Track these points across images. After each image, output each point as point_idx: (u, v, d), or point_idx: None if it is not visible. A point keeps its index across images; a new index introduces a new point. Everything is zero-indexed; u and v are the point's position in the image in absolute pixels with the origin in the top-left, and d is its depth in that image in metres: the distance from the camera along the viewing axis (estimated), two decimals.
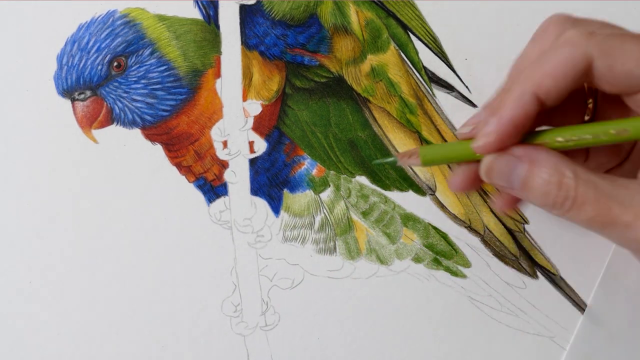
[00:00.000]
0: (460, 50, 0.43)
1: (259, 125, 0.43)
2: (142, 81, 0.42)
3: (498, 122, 0.31)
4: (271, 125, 0.43)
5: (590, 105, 0.34)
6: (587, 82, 0.31)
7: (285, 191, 0.43)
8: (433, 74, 0.43)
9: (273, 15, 0.43)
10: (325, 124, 0.43)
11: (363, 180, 0.43)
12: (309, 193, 0.43)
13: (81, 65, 0.42)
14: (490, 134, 0.31)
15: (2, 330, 0.42)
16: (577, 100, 0.35)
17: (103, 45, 0.42)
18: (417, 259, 0.42)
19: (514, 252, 0.42)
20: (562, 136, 0.31)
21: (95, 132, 0.43)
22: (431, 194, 0.43)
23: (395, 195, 0.43)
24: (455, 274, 0.42)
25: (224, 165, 0.43)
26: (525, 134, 0.31)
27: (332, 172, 0.43)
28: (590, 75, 0.31)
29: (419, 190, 0.43)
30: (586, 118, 0.34)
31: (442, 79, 0.43)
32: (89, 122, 0.42)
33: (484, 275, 0.42)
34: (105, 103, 0.42)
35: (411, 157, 0.34)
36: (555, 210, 0.30)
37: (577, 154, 0.35)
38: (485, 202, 0.43)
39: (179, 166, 0.43)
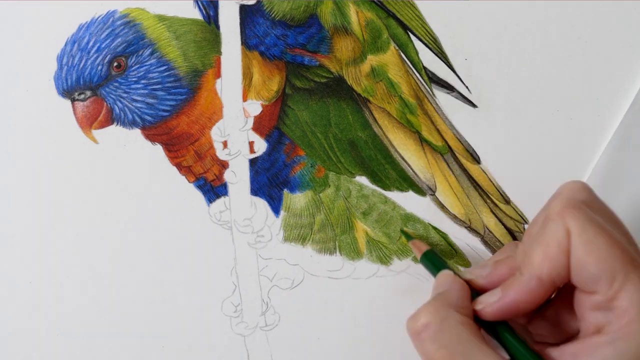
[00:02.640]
0: (460, 50, 0.43)
1: (259, 126, 0.43)
2: (142, 81, 0.42)
3: (501, 300, 0.33)
4: (271, 125, 0.43)
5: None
6: None
7: (285, 191, 0.43)
8: (433, 74, 0.43)
9: (273, 15, 0.43)
10: (325, 124, 0.43)
11: (363, 180, 0.43)
12: (309, 193, 0.43)
13: (81, 65, 0.42)
14: (492, 303, 0.34)
15: (2, 330, 0.42)
16: None
17: (103, 46, 0.42)
18: (417, 259, 0.42)
19: None
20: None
21: (95, 132, 0.43)
22: (431, 194, 0.43)
23: (395, 196, 0.43)
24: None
25: (224, 165, 0.43)
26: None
27: (332, 172, 0.43)
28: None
29: (419, 190, 0.43)
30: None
31: (442, 79, 0.43)
32: (89, 122, 0.42)
33: None
34: (105, 103, 0.42)
35: (416, 247, 0.40)
36: (412, 337, 0.34)
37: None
38: (485, 202, 0.43)
39: (179, 166, 0.43)
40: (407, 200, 0.43)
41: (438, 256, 0.39)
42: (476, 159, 0.43)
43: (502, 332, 0.34)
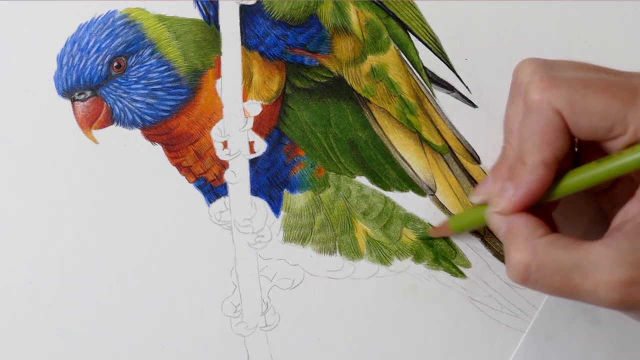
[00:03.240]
0: (460, 50, 0.43)
1: (259, 126, 0.43)
2: (142, 81, 0.42)
3: (514, 191, 0.34)
4: (271, 125, 0.43)
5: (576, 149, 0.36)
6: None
7: (285, 191, 0.43)
8: (433, 74, 0.43)
9: (273, 15, 0.43)
10: (325, 124, 0.43)
11: (363, 180, 0.43)
12: (309, 193, 0.43)
13: (81, 65, 0.42)
14: (508, 200, 0.34)
15: (2, 330, 0.42)
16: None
17: (103, 46, 0.42)
18: (417, 259, 0.42)
19: None
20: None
21: (95, 133, 0.43)
22: (431, 194, 0.43)
23: (395, 196, 0.43)
24: (455, 274, 0.42)
25: (224, 165, 0.43)
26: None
27: (332, 172, 0.43)
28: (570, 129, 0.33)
29: (419, 190, 0.43)
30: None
31: (442, 79, 0.43)
32: (89, 123, 0.42)
33: (484, 275, 0.42)
34: (105, 103, 0.42)
35: (442, 229, 0.41)
36: (523, 285, 0.33)
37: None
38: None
39: (179, 166, 0.43)
40: (407, 200, 0.43)
41: (461, 215, 0.41)
42: (476, 159, 0.43)
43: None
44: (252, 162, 0.43)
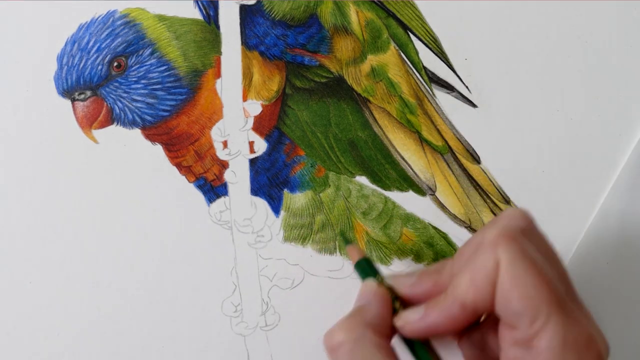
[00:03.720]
0: (460, 50, 0.43)
1: (259, 126, 0.43)
2: (142, 81, 0.42)
3: (422, 320, 0.33)
4: (271, 125, 0.43)
5: None
6: None
7: (285, 191, 0.43)
8: (433, 74, 0.43)
9: (273, 15, 0.43)
10: (326, 124, 0.43)
11: (363, 180, 0.43)
12: (309, 193, 0.43)
13: (81, 65, 0.42)
14: (414, 326, 0.33)
15: (2, 330, 0.42)
16: None
17: (103, 46, 0.42)
18: (417, 259, 0.42)
19: None
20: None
21: (95, 132, 0.43)
22: (431, 194, 0.43)
23: (395, 195, 0.43)
24: None
25: (224, 165, 0.43)
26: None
27: (332, 172, 0.43)
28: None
29: (419, 190, 0.43)
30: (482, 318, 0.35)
31: (442, 79, 0.43)
32: (89, 122, 0.42)
33: None
34: (105, 103, 0.42)
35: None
36: (328, 354, 0.33)
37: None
38: (485, 202, 0.43)
39: (179, 166, 0.43)
40: (407, 200, 0.43)
41: (372, 266, 0.37)
42: (476, 159, 0.43)
43: (419, 349, 0.34)
44: (252, 162, 0.43)
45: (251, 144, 0.43)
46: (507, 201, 0.43)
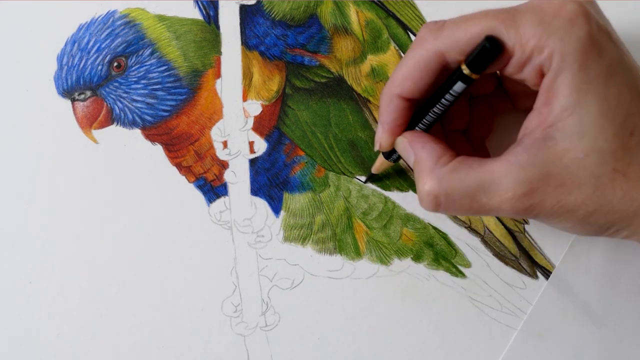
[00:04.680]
0: None
1: (259, 126, 0.43)
2: (142, 81, 0.42)
3: (381, 127, 0.37)
4: (271, 125, 0.43)
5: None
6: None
7: (285, 191, 0.43)
8: None
9: (273, 15, 0.43)
10: (326, 124, 0.43)
11: (363, 180, 0.43)
12: (309, 193, 0.43)
13: (81, 65, 0.42)
14: (379, 138, 0.37)
15: (2, 330, 0.42)
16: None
17: (103, 46, 0.42)
18: (417, 259, 0.42)
19: (514, 253, 0.42)
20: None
21: (95, 132, 0.43)
22: None
23: (395, 195, 0.43)
24: (455, 274, 0.42)
25: (224, 165, 0.43)
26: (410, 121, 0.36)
27: (332, 172, 0.43)
28: (450, 65, 0.33)
29: None
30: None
31: None
32: (89, 122, 0.43)
33: (484, 275, 0.42)
34: (105, 103, 0.42)
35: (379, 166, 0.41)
36: (436, 212, 0.35)
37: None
38: None
39: (179, 166, 0.43)
40: (407, 200, 0.43)
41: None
42: None
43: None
44: (252, 162, 0.43)
45: (251, 144, 0.43)
46: None
